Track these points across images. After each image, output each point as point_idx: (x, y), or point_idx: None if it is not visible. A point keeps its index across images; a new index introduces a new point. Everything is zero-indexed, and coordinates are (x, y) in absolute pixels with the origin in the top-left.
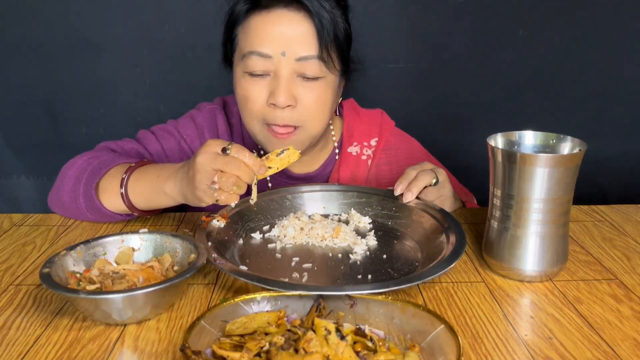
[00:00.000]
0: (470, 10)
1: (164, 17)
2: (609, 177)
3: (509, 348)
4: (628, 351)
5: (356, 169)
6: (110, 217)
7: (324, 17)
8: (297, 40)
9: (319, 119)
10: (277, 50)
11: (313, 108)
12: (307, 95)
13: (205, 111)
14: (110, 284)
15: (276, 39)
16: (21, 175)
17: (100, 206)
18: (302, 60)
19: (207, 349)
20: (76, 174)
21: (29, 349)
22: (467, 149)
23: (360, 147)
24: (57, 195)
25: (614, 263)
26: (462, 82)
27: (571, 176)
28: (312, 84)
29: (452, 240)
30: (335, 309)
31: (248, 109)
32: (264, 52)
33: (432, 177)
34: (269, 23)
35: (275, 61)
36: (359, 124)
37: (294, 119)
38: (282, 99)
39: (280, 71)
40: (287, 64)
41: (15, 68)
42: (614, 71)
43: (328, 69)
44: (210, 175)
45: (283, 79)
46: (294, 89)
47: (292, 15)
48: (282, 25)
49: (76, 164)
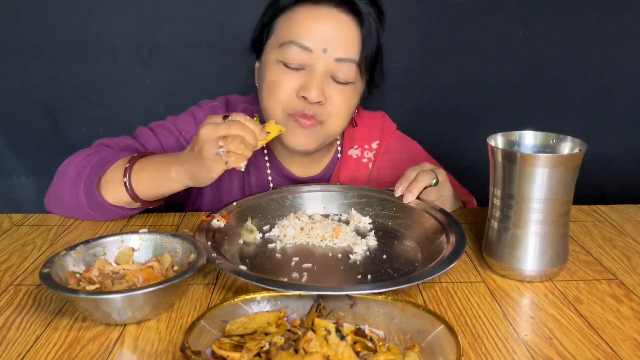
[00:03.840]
0: (470, 10)
1: (164, 17)
2: (609, 177)
3: (509, 348)
4: (628, 351)
5: (357, 171)
6: (113, 213)
7: (371, 25)
8: (341, 40)
9: (340, 121)
10: (318, 46)
11: (340, 108)
12: (337, 96)
13: (206, 108)
14: (110, 284)
15: (321, 34)
16: (21, 175)
17: (103, 201)
18: (340, 61)
19: (207, 349)
20: (76, 172)
21: (29, 349)
22: (467, 149)
23: (361, 150)
24: (55, 195)
25: (614, 263)
26: (462, 81)
27: (571, 176)
28: (342, 88)
29: (452, 240)
30: (335, 309)
31: (276, 95)
32: (306, 45)
33: (432, 177)
34: (316, 17)
35: (315, 56)
36: (360, 127)
37: (320, 113)
38: (314, 93)
39: (317, 67)
40: (325, 62)
41: (15, 68)
42: (614, 71)
43: (360, 76)
44: (216, 142)
45: (318, 74)
46: (326, 87)
47: (341, 16)
48: (328, 23)
49: (74, 162)
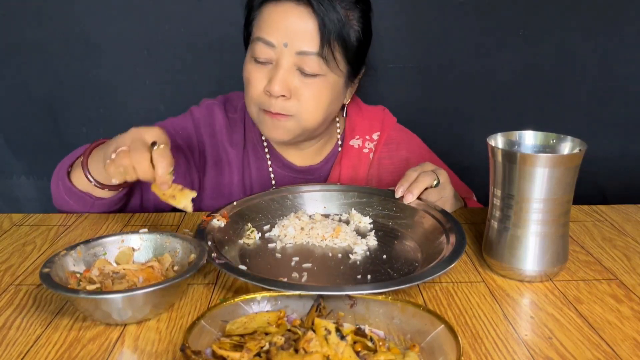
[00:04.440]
0: (470, 10)
1: (164, 17)
2: (609, 177)
3: (509, 348)
4: (628, 351)
5: (358, 162)
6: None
7: (327, 16)
8: (299, 34)
9: (312, 114)
10: (280, 41)
11: (308, 103)
12: (304, 89)
13: (203, 106)
14: (110, 284)
15: (281, 30)
16: (21, 175)
17: (72, 186)
18: (302, 54)
19: (207, 349)
20: (59, 166)
21: (29, 349)
22: (467, 149)
23: (362, 140)
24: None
25: (614, 263)
26: (462, 81)
27: (571, 176)
28: (310, 80)
29: (452, 241)
30: (335, 309)
31: (249, 92)
32: (268, 40)
33: (433, 178)
34: (277, 13)
35: (278, 51)
36: (361, 119)
37: (287, 109)
38: (277, 88)
39: (281, 61)
40: (288, 56)
41: (15, 68)
42: (614, 71)
43: (329, 68)
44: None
45: (281, 69)
46: (291, 81)
47: (300, 10)
48: (288, 18)
49: (62, 161)
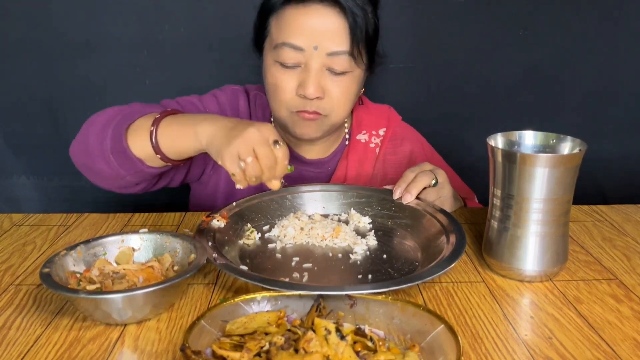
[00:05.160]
0: (470, 10)
1: (164, 17)
2: (609, 177)
3: (509, 348)
4: (628, 351)
5: (364, 156)
6: (132, 165)
7: (357, 15)
8: (329, 35)
9: (342, 109)
10: (309, 44)
11: (339, 100)
12: (335, 88)
13: (228, 91)
14: (110, 284)
15: (309, 33)
16: (21, 175)
17: (127, 148)
18: (333, 55)
19: (207, 349)
20: (106, 119)
21: (29, 349)
22: (467, 149)
23: (369, 135)
24: (81, 140)
25: (614, 263)
26: (462, 82)
27: (571, 176)
28: (339, 78)
29: (452, 240)
30: (335, 309)
31: (278, 97)
32: (297, 45)
33: (431, 178)
34: (303, 16)
35: (307, 54)
36: (367, 115)
37: (321, 108)
38: (311, 90)
39: (311, 64)
40: (318, 58)
41: (15, 68)
42: (614, 71)
43: (356, 64)
44: (248, 151)
45: (313, 71)
46: (323, 81)
47: (327, 11)
48: (316, 20)
49: (107, 112)
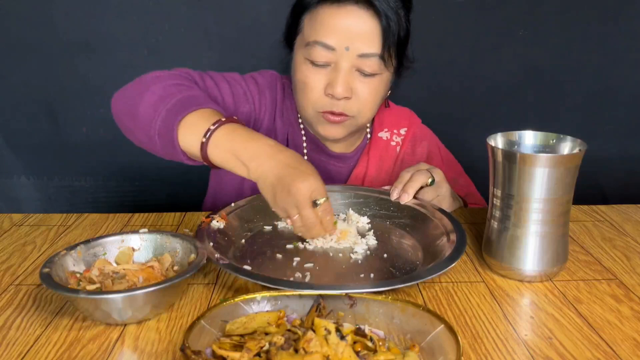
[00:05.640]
0: (470, 10)
1: (164, 17)
2: (609, 177)
3: (509, 348)
4: (628, 351)
5: (385, 153)
6: (174, 152)
7: (390, 18)
8: (362, 37)
9: (369, 111)
10: (341, 44)
11: (367, 101)
12: (363, 89)
13: (266, 75)
14: (110, 284)
15: (342, 33)
16: (21, 175)
17: (175, 139)
18: (364, 57)
19: (207, 349)
20: (162, 93)
21: (29, 349)
22: (467, 149)
23: (390, 133)
24: (130, 102)
25: (614, 263)
26: (462, 82)
27: (571, 176)
28: (368, 79)
29: (452, 240)
30: (335, 309)
31: (306, 94)
32: (329, 44)
33: (428, 176)
34: (337, 16)
35: (338, 54)
36: (389, 114)
37: (348, 109)
38: (340, 90)
39: (341, 64)
40: (349, 58)
41: (15, 68)
42: (614, 71)
43: (386, 66)
44: (292, 211)
45: (343, 71)
46: (352, 82)
47: (361, 12)
48: (349, 21)
49: (163, 81)
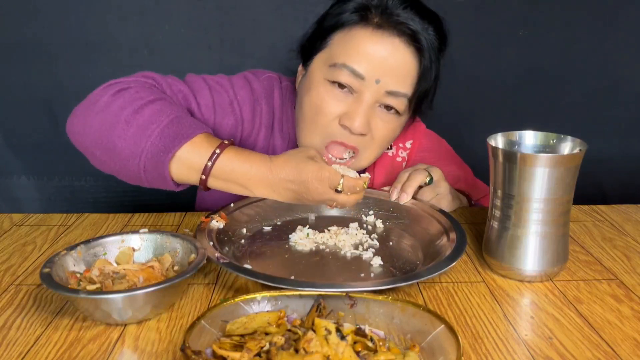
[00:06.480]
0: (471, 10)
1: (164, 17)
2: (609, 177)
3: (509, 348)
4: (628, 351)
5: (391, 170)
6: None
7: (432, 59)
8: (396, 73)
9: (376, 152)
10: (372, 75)
11: (379, 141)
12: (380, 126)
13: (263, 79)
14: (110, 284)
15: (376, 63)
16: (21, 175)
17: (167, 175)
18: (392, 94)
19: (208, 349)
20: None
21: (29, 349)
22: (467, 149)
23: (396, 148)
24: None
25: (614, 263)
26: (462, 81)
27: (571, 176)
28: (389, 119)
29: (452, 240)
30: (335, 309)
31: (317, 119)
32: (359, 72)
33: (425, 175)
34: (375, 44)
35: (365, 84)
36: None
37: (357, 142)
38: (358, 124)
39: (365, 95)
40: (376, 92)
41: (15, 68)
42: (614, 71)
43: (408, 109)
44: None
45: (365, 104)
46: (371, 118)
47: (402, 47)
48: (387, 51)
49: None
